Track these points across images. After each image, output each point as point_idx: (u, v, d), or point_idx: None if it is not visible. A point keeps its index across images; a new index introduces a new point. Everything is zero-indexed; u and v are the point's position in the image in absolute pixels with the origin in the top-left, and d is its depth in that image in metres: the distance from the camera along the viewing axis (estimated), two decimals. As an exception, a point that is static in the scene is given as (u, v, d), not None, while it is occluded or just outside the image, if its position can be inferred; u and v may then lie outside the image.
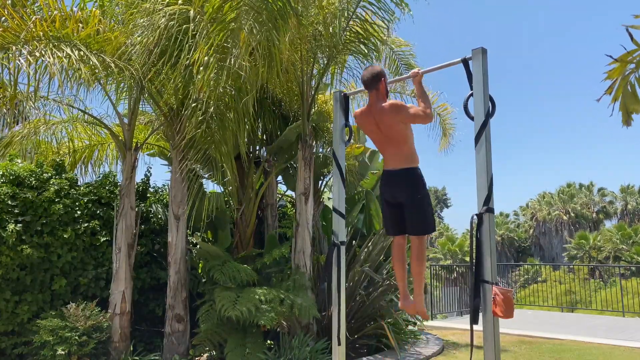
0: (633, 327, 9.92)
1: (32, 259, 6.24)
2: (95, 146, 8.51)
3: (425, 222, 3.73)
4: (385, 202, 3.90)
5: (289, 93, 8.07)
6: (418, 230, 3.74)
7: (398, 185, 3.73)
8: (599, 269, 27.50)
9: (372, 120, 3.80)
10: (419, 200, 3.69)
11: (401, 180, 3.71)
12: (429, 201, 3.76)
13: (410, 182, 3.70)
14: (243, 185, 8.18)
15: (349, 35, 7.26)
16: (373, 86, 3.81)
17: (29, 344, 6.13)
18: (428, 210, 3.74)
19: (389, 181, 3.78)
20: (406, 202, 3.72)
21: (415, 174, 3.72)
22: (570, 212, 41.36)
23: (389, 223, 3.96)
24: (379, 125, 3.76)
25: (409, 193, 3.69)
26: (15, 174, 6.59)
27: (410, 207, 3.71)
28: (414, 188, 3.69)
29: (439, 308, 12.12)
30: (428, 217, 3.74)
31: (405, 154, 3.74)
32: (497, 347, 3.16)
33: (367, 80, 3.83)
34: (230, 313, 5.85)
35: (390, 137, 3.74)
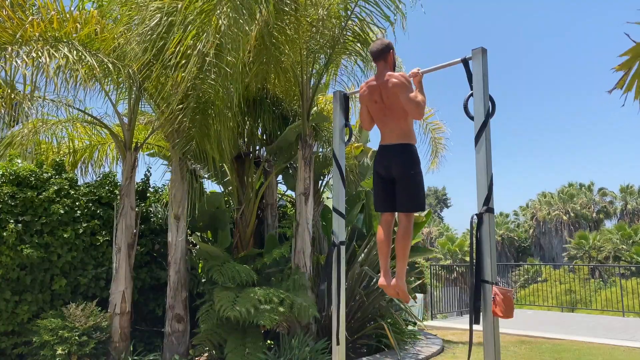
0: (633, 327, 9.92)
1: (32, 259, 6.24)
2: (96, 146, 8.51)
3: (416, 198, 3.70)
4: (378, 176, 3.87)
5: (288, 93, 8.08)
6: (408, 206, 3.71)
7: (393, 159, 3.71)
8: (599, 269, 27.50)
9: (377, 90, 3.78)
10: (412, 177, 3.68)
11: (396, 154, 3.70)
12: (421, 179, 3.72)
13: (405, 158, 3.69)
14: (243, 185, 8.19)
15: (349, 36, 7.27)
16: (381, 57, 3.83)
17: (29, 344, 6.13)
18: (420, 188, 3.71)
19: (384, 155, 3.77)
20: (399, 177, 3.70)
21: (411, 150, 3.72)
22: (570, 212, 41.37)
23: (379, 198, 3.92)
24: (383, 96, 3.75)
25: (402, 168, 3.68)
26: (15, 174, 6.59)
27: (402, 182, 3.70)
28: (408, 163, 3.68)
29: (439, 308, 12.12)
30: (419, 194, 3.71)
31: (404, 130, 3.73)
32: (497, 347, 3.16)
33: (376, 51, 3.84)
34: (229, 313, 5.85)
35: (392, 109, 3.73)
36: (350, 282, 7.19)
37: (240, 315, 5.87)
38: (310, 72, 7.34)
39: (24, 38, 5.17)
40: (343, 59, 8.04)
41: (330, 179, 9.11)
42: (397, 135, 3.73)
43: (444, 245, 38.66)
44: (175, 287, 6.68)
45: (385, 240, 3.90)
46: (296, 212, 7.24)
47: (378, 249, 3.98)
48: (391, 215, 3.92)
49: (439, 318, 11.61)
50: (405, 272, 3.79)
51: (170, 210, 6.84)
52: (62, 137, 8.02)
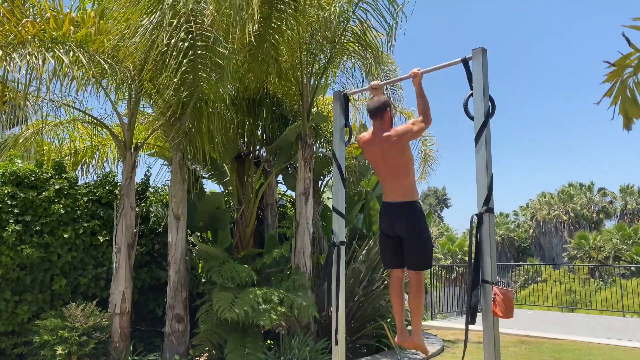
0: (633, 327, 9.92)
1: (32, 259, 6.24)
2: (96, 147, 8.51)
3: (424, 257, 3.70)
4: (384, 235, 3.87)
5: (288, 93, 8.09)
6: (416, 265, 3.72)
7: (397, 218, 3.70)
8: (599, 269, 27.50)
9: (377, 149, 3.80)
10: (419, 235, 3.67)
11: (401, 213, 3.69)
12: (428, 236, 3.73)
13: (410, 217, 3.67)
14: (243, 185, 8.19)
15: (349, 37, 7.28)
16: (378, 115, 3.83)
17: (29, 344, 6.13)
18: (427, 245, 3.71)
19: (388, 213, 3.77)
20: (405, 236, 3.70)
21: (415, 207, 3.70)
22: (570, 212, 41.35)
23: (387, 256, 3.92)
24: (384, 154, 3.77)
25: (408, 227, 3.67)
26: (15, 174, 6.59)
27: (409, 241, 3.69)
28: (413, 222, 3.67)
29: (439, 308, 12.12)
30: (427, 252, 3.72)
31: (406, 186, 3.73)
32: (497, 347, 3.16)
33: (372, 109, 3.85)
34: (226, 315, 5.84)
35: (393, 167, 3.74)
36: (350, 282, 7.19)
37: (237, 317, 5.86)
38: (310, 72, 7.35)
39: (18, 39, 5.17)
40: (343, 60, 8.05)
41: (330, 179, 9.11)
42: (399, 193, 3.73)
43: (444, 245, 38.65)
44: (175, 287, 6.68)
45: (397, 298, 3.93)
46: (296, 212, 7.24)
47: (392, 306, 4.01)
48: (401, 272, 3.92)
49: (439, 318, 11.60)
50: (421, 327, 3.86)
51: (170, 210, 6.84)
52: (63, 138, 8.02)
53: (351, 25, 7.09)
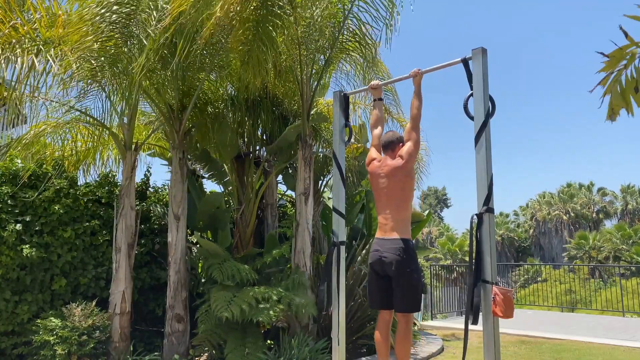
0: (633, 327, 9.92)
1: (32, 259, 6.24)
2: (97, 148, 8.50)
3: (412, 299, 3.67)
4: (374, 273, 3.85)
5: (288, 93, 8.08)
6: (404, 307, 3.69)
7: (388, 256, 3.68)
8: (599, 269, 27.50)
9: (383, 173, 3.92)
10: (408, 274, 3.64)
11: (391, 250, 3.67)
12: (418, 277, 3.68)
13: (400, 256, 3.64)
14: (243, 185, 8.19)
15: (347, 36, 7.28)
16: (390, 147, 4.00)
17: (29, 344, 6.12)
18: (417, 287, 3.67)
19: (379, 250, 3.76)
20: (394, 276, 3.66)
21: (407, 247, 3.69)
22: (570, 212, 41.36)
23: (375, 296, 3.88)
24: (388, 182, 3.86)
25: (398, 267, 3.63)
26: (14, 174, 6.59)
27: (398, 280, 3.66)
28: (403, 261, 3.64)
29: (439, 308, 12.12)
30: (417, 294, 3.68)
31: (402, 220, 3.76)
32: (497, 347, 3.16)
33: (387, 142, 4.02)
34: (223, 313, 5.84)
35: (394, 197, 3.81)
36: (350, 282, 7.19)
37: (232, 317, 5.85)
38: (309, 72, 7.35)
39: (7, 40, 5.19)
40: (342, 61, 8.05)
41: (330, 179, 9.11)
42: (392, 227, 3.74)
43: (444, 245, 38.67)
44: (175, 287, 6.69)
45: (383, 342, 3.88)
46: (296, 212, 7.24)
47: (377, 351, 3.94)
48: (389, 314, 3.88)
49: (439, 318, 11.61)
50: None
51: (170, 210, 6.84)
52: (65, 139, 8.01)
53: (349, 24, 7.09)
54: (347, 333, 4.66)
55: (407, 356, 3.74)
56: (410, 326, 3.74)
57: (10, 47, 5.27)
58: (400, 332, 3.72)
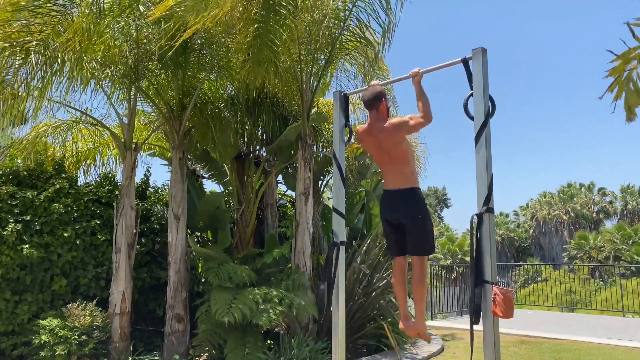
0: (633, 327, 9.92)
1: (32, 258, 6.24)
2: (98, 148, 8.51)
3: (426, 242, 3.72)
4: (386, 223, 3.89)
5: (288, 93, 8.08)
6: (419, 250, 3.74)
7: (399, 205, 3.72)
8: (599, 269, 27.50)
9: (374, 139, 3.81)
10: (420, 221, 3.68)
11: (402, 200, 3.71)
12: (430, 222, 3.74)
13: (411, 203, 3.69)
14: (243, 185, 8.19)
15: (348, 36, 7.28)
16: (374, 106, 3.83)
17: (29, 344, 6.12)
18: (429, 231, 3.73)
19: (390, 201, 3.78)
20: (407, 222, 3.71)
21: (415, 194, 3.72)
22: (570, 212, 41.35)
23: (390, 243, 3.96)
24: (381, 145, 3.77)
25: (409, 213, 3.69)
26: (14, 174, 6.59)
27: (411, 227, 3.70)
28: (414, 208, 3.68)
29: (439, 308, 12.12)
30: (429, 237, 3.73)
31: (405, 174, 3.74)
32: (497, 347, 3.16)
33: (368, 100, 3.85)
34: (224, 318, 5.83)
35: (392, 156, 3.75)
36: (350, 282, 7.19)
37: (234, 321, 5.85)
38: (310, 72, 7.35)
39: None
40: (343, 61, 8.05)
41: (330, 179, 9.11)
42: (400, 180, 3.74)
43: (444, 245, 38.63)
44: (175, 287, 6.68)
45: (401, 285, 3.95)
46: (296, 212, 7.24)
47: (395, 294, 4.06)
48: (404, 259, 3.94)
49: (439, 318, 11.60)
50: (424, 313, 3.87)
51: (170, 210, 6.84)
52: (65, 139, 8.01)
53: (349, 25, 7.10)
54: (347, 333, 4.65)
55: (423, 297, 3.81)
56: (425, 269, 3.78)
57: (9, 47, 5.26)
58: (415, 275, 3.77)
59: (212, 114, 7.75)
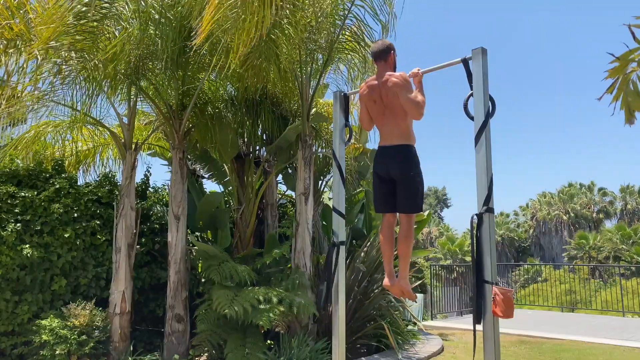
0: (633, 327, 9.92)
1: (32, 258, 6.24)
2: (98, 148, 8.51)
3: (415, 199, 3.70)
4: (378, 178, 3.88)
5: (288, 94, 8.09)
6: (408, 207, 3.72)
7: (392, 160, 3.71)
8: (599, 269, 27.50)
9: (377, 89, 3.79)
10: (412, 177, 3.68)
11: (396, 155, 3.70)
12: (421, 180, 3.72)
13: (405, 158, 3.69)
14: (243, 185, 8.19)
15: (347, 35, 7.28)
16: (382, 57, 3.84)
17: (29, 344, 6.13)
18: (419, 189, 3.72)
19: (384, 156, 3.78)
20: (398, 178, 3.71)
21: (410, 151, 3.71)
22: (570, 212, 41.35)
23: (379, 199, 3.93)
24: (382, 96, 3.75)
25: (402, 169, 3.68)
26: (14, 174, 6.59)
27: (402, 183, 3.70)
28: (407, 164, 3.68)
29: (439, 308, 12.12)
30: (419, 194, 3.72)
31: (403, 130, 3.73)
32: (497, 347, 3.16)
33: (377, 51, 3.86)
34: (226, 311, 5.83)
35: (392, 109, 3.72)
36: (350, 282, 7.19)
37: (235, 315, 5.84)
38: (309, 72, 7.35)
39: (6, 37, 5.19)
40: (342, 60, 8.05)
41: (330, 179, 9.11)
42: (396, 136, 3.72)
43: (444, 245, 38.64)
44: (175, 287, 6.68)
45: (387, 242, 3.92)
46: (296, 212, 7.24)
47: (382, 251, 3.99)
48: (392, 216, 3.92)
49: (439, 318, 11.60)
50: (408, 271, 3.83)
51: (170, 210, 6.84)
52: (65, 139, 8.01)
53: (348, 24, 7.10)
54: (347, 333, 4.65)
55: (408, 255, 3.79)
56: (412, 226, 3.76)
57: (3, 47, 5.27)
58: (402, 232, 3.76)
59: (212, 114, 7.75)
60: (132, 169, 6.78)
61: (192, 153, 8.43)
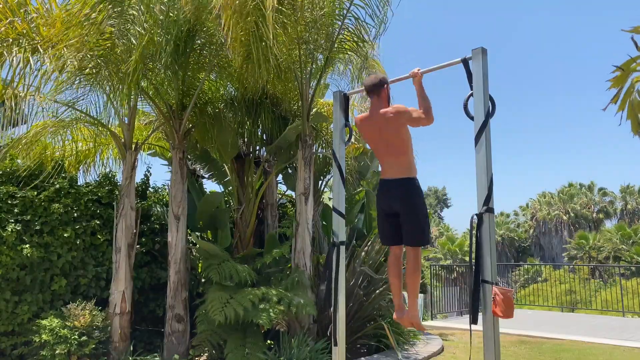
0: (633, 327, 9.92)
1: (32, 258, 6.24)
2: (98, 148, 8.50)
3: (421, 232, 3.71)
4: (382, 211, 3.88)
5: (288, 94, 8.09)
6: (413, 240, 3.72)
7: (395, 194, 3.71)
8: (599, 269, 27.49)
9: (374, 126, 3.80)
10: (416, 211, 3.68)
11: (398, 189, 3.70)
12: (425, 212, 3.73)
13: (408, 192, 3.69)
14: (243, 185, 8.19)
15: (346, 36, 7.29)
16: (375, 92, 3.84)
17: (29, 344, 6.13)
18: (424, 221, 3.72)
19: (386, 190, 3.78)
20: (402, 211, 3.70)
21: (413, 184, 3.71)
22: (570, 212, 41.35)
23: (385, 233, 3.94)
24: (381, 132, 3.75)
25: (405, 202, 3.68)
26: (14, 174, 6.58)
27: (406, 216, 3.70)
28: (411, 198, 3.68)
29: (439, 308, 12.12)
30: (424, 227, 3.72)
31: (404, 163, 3.73)
32: (497, 347, 3.16)
33: (369, 86, 3.86)
34: (217, 316, 5.81)
35: (391, 144, 3.73)
36: (350, 282, 7.19)
37: (226, 320, 5.82)
38: (309, 72, 7.35)
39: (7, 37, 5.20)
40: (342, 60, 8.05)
41: (330, 179, 9.11)
42: (397, 170, 3.73)
43: (444, 245, 38.63)
44: (175, 287, 6.68)
45: (395, 275, 3.94)
46: (296, 212, 7.24)
47: (390, 284, 4.02)
48: (399, 249, 3.93)
49: (439, 318, 11.60)
50: (417, 303, 3.85)
51: (170, 210, 6.84)
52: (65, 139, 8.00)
53: (347, 24, 7.10)
54: (347, 333, 4.65)
55: (416, 288, 3.79)
56: (419, 259, 3.76)
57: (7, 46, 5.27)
58: (409, 265, 3.77)
59: (212, 114, 7.75)
60: (132, 169, 6.78)
61: (192, 153, 8.43)
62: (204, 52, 7.26)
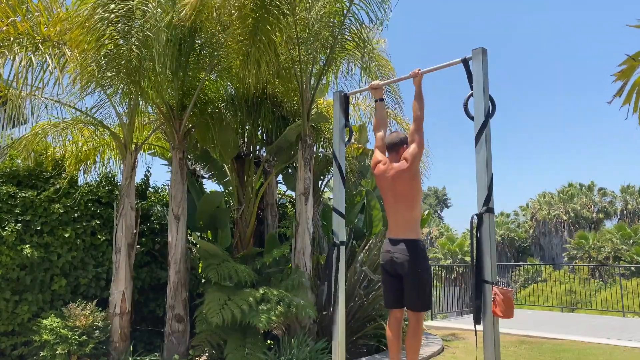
0: (633, 327, 9.92)
1: (32, 258, 6.24)
2: (98, 148, 8.49)
3: (423, 298, 3.73)
4: (386, 272, 3.92)
5: (288, 93, 8.09)
6: (415, 306, 3.74)
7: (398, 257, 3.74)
8: (599, 269, 27.49)
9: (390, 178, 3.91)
10: (419, 274, 3.70)
11: (402, 252, 3.73)
12: (428, 277, 3.76)
13: (411, 255, 3.70)
14: (243, 185, 8.19)
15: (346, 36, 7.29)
16: (395, 149, 4.01)
17: (29, 344, 6.13)
18: (427, 286, 3.74)
19: (390, 251, 3.82)
20: (405, 275, 3.72)
21: (416, 246, 3.74)
22: (570, 212, 41.36)
23: (387, 293, 3.97)
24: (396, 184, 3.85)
25: (409, 266, 3.69)
26: (14, 174, 6.58)
27: (409, 280, 3.72)
28: (414, 262, 3.70)
29: (439, 308, 12.12)
30: (427, 293, 3.75)
31: (409, 222, 3.78)
32: (497, 347, 3.16)
33: (390, 144, 4.05)
34: (213, 319, 5.80)
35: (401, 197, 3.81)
36: (350, 282, 7.19)
37: (223, 322, 5.80)
38: (309, 72, 7.35)
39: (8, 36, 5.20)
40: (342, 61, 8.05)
41: (330, 179, 9.11)
42: (402, 229, 3.79)
43: (444, 245, 38.65)
44: (176, 287, 6.68)
45: (395, 338, 3.96)
46: (296, 212, 7.24)
47: (389, 347, 4.02)
48: (400, 312, 3.96)
49: (439, 318, 11.61)
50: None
51: (170, 210, 6.84)
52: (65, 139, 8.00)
53: (348, 24, 7.10)
54: (347, 333, 4.66)
55: (416, 353, 3.81)
56: (420, 324, 3.80)
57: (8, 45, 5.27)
58: (411, 329, 3.79)
59: (212, 114, 7.75)
60: (132, 169, 6.78)
61: (192, 153, 8.42)
62: (204, 52, 7.26)
